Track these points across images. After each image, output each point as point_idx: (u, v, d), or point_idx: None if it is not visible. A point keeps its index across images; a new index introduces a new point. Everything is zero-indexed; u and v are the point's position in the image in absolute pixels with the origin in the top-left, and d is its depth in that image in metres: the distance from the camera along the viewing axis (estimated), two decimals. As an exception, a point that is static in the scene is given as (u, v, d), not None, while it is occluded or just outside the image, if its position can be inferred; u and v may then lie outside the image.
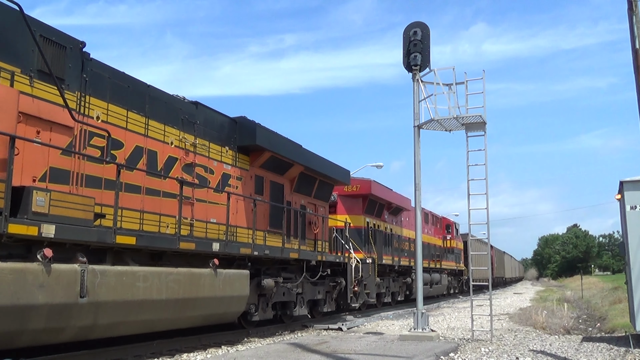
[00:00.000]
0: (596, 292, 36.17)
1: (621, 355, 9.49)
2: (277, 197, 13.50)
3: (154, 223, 9.43)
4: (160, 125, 9.83)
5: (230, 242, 10.90)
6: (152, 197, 9.43)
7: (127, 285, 8.14)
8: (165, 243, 9.27)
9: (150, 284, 8.60)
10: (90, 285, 7.49)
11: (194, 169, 10.62)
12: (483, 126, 11.99)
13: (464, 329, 13.88)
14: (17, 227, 6.60)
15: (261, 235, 12.52)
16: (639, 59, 7.86)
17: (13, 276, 6.53)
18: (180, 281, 9.28)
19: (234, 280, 10.73)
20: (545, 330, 14.40)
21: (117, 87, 8.93)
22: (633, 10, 7.98)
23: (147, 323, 8.86)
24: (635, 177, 10.96)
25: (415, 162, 12.00)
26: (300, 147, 14.15)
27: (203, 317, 10.21)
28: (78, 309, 7.38)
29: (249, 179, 12.48)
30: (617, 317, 17.52)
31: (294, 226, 14.24)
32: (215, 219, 11.04)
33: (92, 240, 7.71)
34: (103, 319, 7.86)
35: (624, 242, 11.04)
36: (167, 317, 9.17)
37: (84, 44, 8.19)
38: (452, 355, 9.49)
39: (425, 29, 12.03)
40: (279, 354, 9.08)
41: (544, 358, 9.29)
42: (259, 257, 11.79)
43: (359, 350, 9.64)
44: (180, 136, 10.32)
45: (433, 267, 28.50)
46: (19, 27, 7.19)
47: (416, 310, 11.67)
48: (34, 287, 6.76)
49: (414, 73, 11.97)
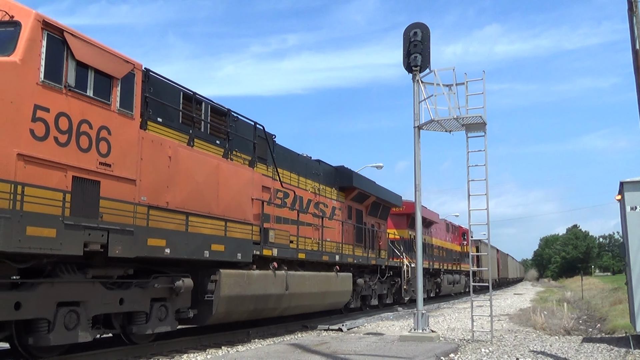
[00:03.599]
0: (596, 292, 37.23)
1: (621, 356, 9.57)
2: (359, 220, 19.03)
3: (301, 243, 14.89)
4: (304, 179, 15.29)
5: (343, 254, 16.44)
6: (297, 226, 14.90)
7: (302, 283, 13.65)
8: (316, 257, 14.79)
9: (311, 282, 14.14)
10: (289, 283, 12.98)
11: (319, 205, 16.08)
12: (483, 127, 12.18)
13: (464, 329, 14.15)
14: (265, 251, 12.11)
15: (351, 248, 18.03)
16: (639, 59, 7.99)
17: (261, 277, 12.01)
18: (322, 281, 14.83)
19: (345, 279, 16.31)
20: (546, 331, 14.70)
21: (286, 159, 14.34)
22: (633, 11, 8.11)
23: (309, 307, 14.53)
24: (635, 178, 10.99)
25: (416, 163, 12.31)
26: (374, 183, 19.69)
27: (330, 304, 15.79)
28: (284, 297, 12.88)
29: (345, 208, 17.96)
30: (618, 318, 17.74)
31: (369, 240, 19.75)
32: (329, 238, 16.52)
33: (289, 257, 13.21)
34: (293, 303, 13.42)
35: (624, 243, 11.14)
36: (316, 303, 14.77)
37: (274, 136, 13.60)
38: (452, 356, 9.67)
39: (425, 30, 12.34)
40: (279, 354, 9.41)
41: (544, 359, 9.41)
42: (355, 263, 17.32)
43: (359, 350, 9.91)
44: (312, 184, 15.79)
45: (454, 269, 34.12)
46: (252, 134, 12.57)
47: (416, 310, 11.96)
48: (269, 284, 12.25)
49: (414, 74, 12.24)
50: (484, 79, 11.99)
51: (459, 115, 11.90)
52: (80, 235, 7.57)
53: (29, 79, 7.07)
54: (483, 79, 11.99)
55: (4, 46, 7.00)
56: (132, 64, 8.81)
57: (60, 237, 7.29)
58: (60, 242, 7.29)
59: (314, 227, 15.24)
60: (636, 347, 10.22)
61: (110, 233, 8.06)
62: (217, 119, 11.33)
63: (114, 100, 8.39)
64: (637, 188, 10.81)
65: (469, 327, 13.46)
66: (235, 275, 10.98)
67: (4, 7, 7.24)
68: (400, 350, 9.98)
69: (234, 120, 11.93)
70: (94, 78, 8.06)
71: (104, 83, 8.22)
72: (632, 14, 8.18)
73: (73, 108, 7.63)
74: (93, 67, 8.03)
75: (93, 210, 7.82)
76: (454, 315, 18.90)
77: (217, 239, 10.50)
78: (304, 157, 15.75)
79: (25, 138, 6.96)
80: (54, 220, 7.23)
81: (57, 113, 7.39)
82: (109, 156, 8.15)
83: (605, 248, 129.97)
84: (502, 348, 10.63)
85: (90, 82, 7.99)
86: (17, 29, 7.12)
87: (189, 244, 9.71)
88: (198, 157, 10.24)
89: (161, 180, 9.19)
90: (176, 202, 9.48)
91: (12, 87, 6.85)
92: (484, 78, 11.99)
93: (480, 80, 12.01)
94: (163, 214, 9.17)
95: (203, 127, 10.86)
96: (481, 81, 12.00)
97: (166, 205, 9.25)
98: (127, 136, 8.54)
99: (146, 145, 8.94)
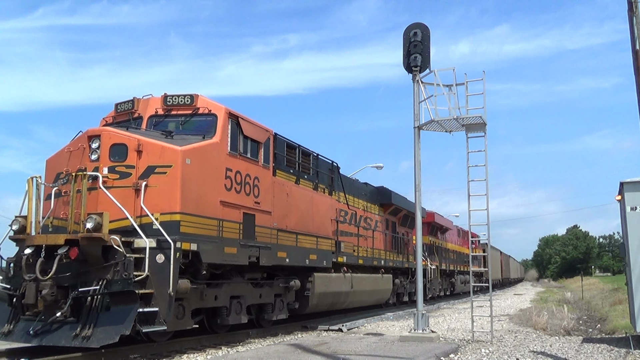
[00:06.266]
0: (596, 293, 38.38)
1: (622, 357, 9.70)
2: (394, 230, 23.28)
3: (358, 251, 19.11)
4: (357, 199, 19.49)
5: (386, 259, 20.72)
6: (358, 238, 19.12)
7: (361, 282, 17.89)
8: (369, 262, 19.03)
9: (366, 282, 18.39)
10: (353, 282, 17.20)
11: (367, 219, 20.28)
12: (483, 127, 12.35)
13: (464, 330, 14.39)
14: (339, 258, 16.32)
15: (389, 253, 22.28)
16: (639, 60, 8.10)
17: (337, 278, 16.25)
18: (373, 280, 19.11)
19: (387, 280, 20.62)
20: (546, 331, 14.95)
21: (346, 184, 18.52)
22: (633, 12, 8.18)
23: (364, 301, 18.86)
24: (635, 178, 11.10)
25: (416, 163, 12.56)
26: (406, 199, 23.92)
27: (377, 299, 20.17)
28: (350, 293, 17.11)
29: (383, 221, 22.18)
30: (618, 318, 18.01)
31: (401, 247, 23.99)
32: (374, 246, 20.76)
33: (354, 262, 17.45)
34: (355, 298, 17.67)
35: (624, 243, 11.25)
36: (369, 298, 19.09)
37: (339, 166, 17.79)
38: (452, 356, 9.81)
39: (425, 30, 12.54)
40: (279, 355, 9.58)
41: (544, 359, 9.53)
42: (393, 267, 21.59)
43: (359, 351, 10.07)
44: (362, 203, 19.97)
45: (465, 271, 38.47)
46: (328, 168, 16.76)
47: (416, 311, 12.18)
48: (341, 283, 16.49)
49: (414, 74, 12.44)
50: (484, 79, 12.23)
51: (459, 115, 12.17)
52: (247, 251, 11.75)
53: (222, 152, 11.24)
54: (483, 79, 12.22)
55: (209, 131, 11.14)
56: (269, 131, 12.98)
57: (238, 253, 11.46)
58: (238, 256, 11.47)
59: (364, 237, 19.46)
60: (636, 348, 10.33)
61: (260, 249, 12.23)
62: (306, 160, 15.47)
63: (260, 158, 12.56)
64: (637, 188, 10.95)
65: (469, 327, 13.79)
66: (322, 277, 15.20)
67: (206, 104, 11.42)
68: (401, 350, 10.25)
69: (315, 158, 16.09)
70: (250, 145, 12.23)
71: (255, 147, 12.39)
72: (632, 14, 8.28)
73: (242, 167, 11.79)
74: (252, 138, 12.20)
75: (252, 234, 11.99)
76: (454, 316, 19.37)
77: (313, 251, 14.71)
78: (356, 181, 19.95)
79: (222, 190, 11.12)
80: (235, 242, 11.39)
81: (235, 171, 11.55)
82: (258, 197, 12.32)
83: (605, 248, 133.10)
84: (502, 348, 10.82)
85: (249, 148, 12.15)
86: (214, 119, 11.28)
87: (298, 254, 13.90)
88: (301, 192, 14.45)
89: (283, 211, 13.36)
90: (291, 225, 13.66)
91: (216, 158, 11.02)
92: (484, 78, 12.23)
93: (480, 81, 12.22)
94: (285, 235, 13.34)
95: (297, 166, 15.01)
96: (481, 81, 12.21)
97: (286, 227, 13.42)
98: (266, 182, 12.71)
99: (276, 187, 13.11)
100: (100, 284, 9.10)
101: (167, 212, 9.83)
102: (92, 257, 9.26)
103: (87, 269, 9.33)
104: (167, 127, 11.35)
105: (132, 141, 10.09)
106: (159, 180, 9.94)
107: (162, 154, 10.05)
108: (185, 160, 10.11)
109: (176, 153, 10.06)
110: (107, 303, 9.01)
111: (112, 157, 10.05)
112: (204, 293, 10.92)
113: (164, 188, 9.91)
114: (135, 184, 9.89)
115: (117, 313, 8.87)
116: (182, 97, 11.51)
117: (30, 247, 9.53)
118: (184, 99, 11.49)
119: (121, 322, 8.78)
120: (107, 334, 8.74)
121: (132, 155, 10.03)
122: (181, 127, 11.34)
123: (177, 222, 9.83)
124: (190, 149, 10.33)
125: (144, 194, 9.75)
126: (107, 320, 8.88)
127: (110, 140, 10.11)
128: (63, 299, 9.23)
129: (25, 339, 9.27)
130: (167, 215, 9.81)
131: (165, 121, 11.49)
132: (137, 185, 9.86)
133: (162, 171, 9.96)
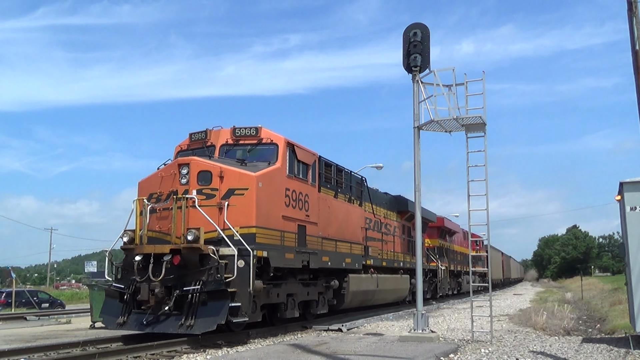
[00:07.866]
0: (596, 293, 38.40)
1: (621, 357, 9.75)
2: (409, 235, 25.86)
3: (380, 253, 21.67)
4: (379, 207, 22.04)
5: (404, 261, 23.33)
6: (382, 242, 21.70)
7: (385, 282, 20.49)
8: (390, 263, 21.62)
9: (389, 281, 21.00)
10: (378, 282, 19.78)
11: (387, 225, 22.86)
12: (483, 127, 12.45)
13: (464, 330, 14.56)
14: (367, 261, 18.91)
15: (406, 255, 24.86)
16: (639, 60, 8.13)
17: (366, 279, 18.83)
18: (394, 280, 21.73)
19: (405, 280, 23.24)
20: (545, 331, 15.04)
21: (371, 194, 21.07)
22: (633, 12, 8.22)
23: (386, 299, 21.49)
24: (635, 178, 11.16)
25: (415, 164, 12.70)
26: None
27: (396, 297, 22.81)
28: (376, 292, 19.70)
29: (400, 226, 24.76)
30: (617, 318, 18.11)
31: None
32: (394, 249, 23.35)
33: (379, 264, 20.03)
34: (379, 296, 20.28)
35: (624, 243, 11.30)
36: (390, 296, 21.73)
37: (366, 179, 20.36)
38: (452, 356, 9.87)
39: (425, 30, 12.70)
40: (279, 355, 9.70)
41: (544, 359, 9.60)
42: (410, 267, 24.19)
43: (359, 351, 10.17)
44: (383, 211, 22.54)
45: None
46: (357, 182, 19.34)
47: (416, 311, 12.28)
48: (369, 283, 19.08)
49: (414, 74, 12.60)
50: (483, 79, 12.38)
51: (459, 115, 12.32)
52: (300, 257, 14.31)
53: (283, 175, 13.80)
54: (483, 80, 12.38)
55: (272, 158, 13.68)
56: (315, 154, 15.56)
57: (295, 258, 14.02)
58: (294, 261, 14.03)
59: (386, 242, 22.04)
60: (636, 348, 10.39)
61: (310, 254, 14.79)
62: (341, 176, 18.02)
63: (309, 178, 15.12)
64: (636, 188, 11.00)
65: (468, 327, 13.99)
66: (355, 277, 17.77)
67: (269, 135, 13.96)
68: (400, 350, 10.37)
69: (348, 174, 18.64)
70: (302, 167, 14.79)
71: (305, 169, 14.96)
72: (631, 14, 8.30)
73: (296, 186, 14.35)
74: (303, 161, 14.76)
75: (304, 242, 14.54)
76: (454, 316, 19.59)
77: (347, 255, 17.28)
78: (377, 191, 22.51)
79: (283, 206, 13.67)
80: (292, 249, 13.95)
81: (292, 190, 14.10)
82: (308, 211, 14.89)
83: (605, 248, 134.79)
84: (501, 348, 10.92)
85: (301, 170, 14.71)
86: (276, 148, 13.83)
87: (337, 258, 16.46)
88: (339, 204, 17.03)
89: (326, 221, 15.91)
90: (332, 233, 16.23)
91: (279, 180, 13.58)
92: (483, 78, 12.39)
93: (480, 81, 12.38)
94: (327, 242, 15.91)
95: (334, 182, 17.56)
96: (481, 81, 12.36)
97: (328, 236, 15.99)
98: (313, 198, 15.27)
99: (320, 201, 15.68)
100: (198, 284, 11.63)
101: (245, 226, 12.38)
102: (191, 262, 11.82)
103: (186, 272, 11.88)
104: (236, 154, 13.86)
105: (215, 168, 12.64)
106: (237, 200, 12.49)
107: (240, 179, 12.60)
108: (258, 184, 12.67)
109: (251, 178, 12.62)
110: (204, 299, 11.55)
111: (199, 182, 12.59)
112: (270, 291, 13.46)
113: (242, 206, 12.46)
114: (219, 204, 12.44)
115: (213, 307, 11.42)
116: (248, 129, 14.04)
117: (139, 254, 12.06)
118: (250, 130, 14.03)
119: (217, 314, 11.33)
120: (206, 323, 11.29)
121: (215, 180, 12.58)
122: (248, 155, 13.85)
123: (254, 234, 12.38)
124: (261, 174, 12.89)
125: (226, 211, 12.30)
126: (205, 312, 11.42)
127: (197, 167, 12.66)
128: (167, 296, 11.77)
129: (139, 328, 11.83)
130: (246, 228, 12.36)
131: (234, 149, 14.01)
132: (220, 205, 12.41)
133: (241, 193, 12.52)
